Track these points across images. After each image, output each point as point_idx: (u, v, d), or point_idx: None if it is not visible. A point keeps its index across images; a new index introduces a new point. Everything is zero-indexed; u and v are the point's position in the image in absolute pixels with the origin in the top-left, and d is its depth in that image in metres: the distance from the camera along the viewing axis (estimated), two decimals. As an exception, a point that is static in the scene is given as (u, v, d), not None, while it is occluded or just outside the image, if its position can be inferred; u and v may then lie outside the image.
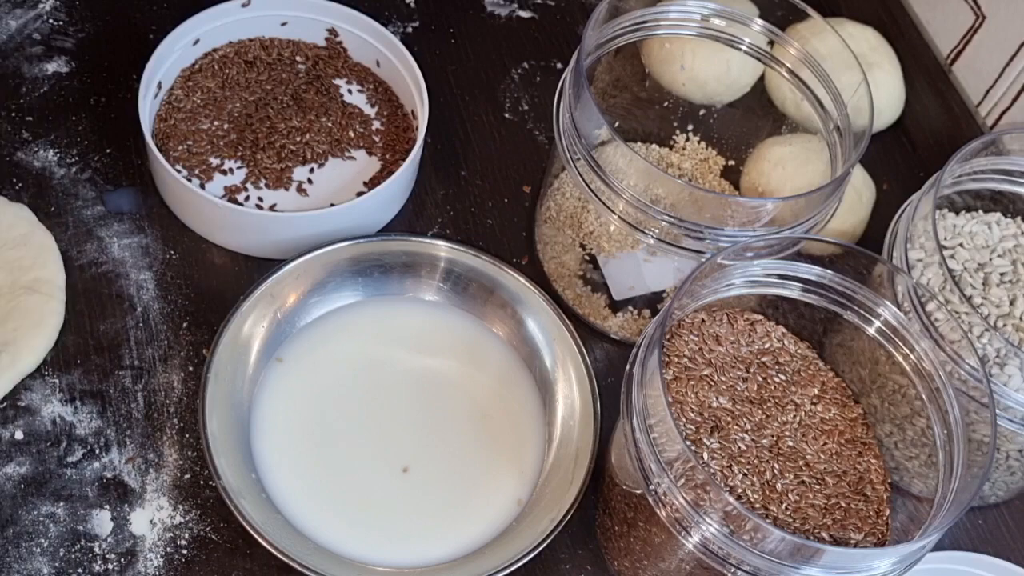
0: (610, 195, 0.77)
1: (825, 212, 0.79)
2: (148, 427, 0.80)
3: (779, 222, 0.77)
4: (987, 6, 0.95)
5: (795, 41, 0.86)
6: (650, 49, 0.94)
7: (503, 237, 0.93)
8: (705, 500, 0.64)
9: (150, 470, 0.79)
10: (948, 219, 0.83)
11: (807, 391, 0.75)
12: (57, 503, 0.77)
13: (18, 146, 0.90)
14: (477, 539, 0.79)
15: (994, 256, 0.82)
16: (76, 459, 0.78)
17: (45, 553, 0.75)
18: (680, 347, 0.74)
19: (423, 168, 0.94)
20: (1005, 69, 0.95)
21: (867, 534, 0.71)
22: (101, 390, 0.81)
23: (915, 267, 0.77)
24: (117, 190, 0.89)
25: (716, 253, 0.72)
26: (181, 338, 0.84)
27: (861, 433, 0.75)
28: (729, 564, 0.65)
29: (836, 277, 0.76)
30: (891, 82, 1.01)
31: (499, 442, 0.82)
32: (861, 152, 0.77)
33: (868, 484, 0.73)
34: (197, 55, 0.93)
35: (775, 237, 0.75)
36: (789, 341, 0.77)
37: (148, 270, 0.86)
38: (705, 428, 0.71)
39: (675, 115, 0.96)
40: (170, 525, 0.77)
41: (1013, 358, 0.74)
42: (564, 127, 0.79)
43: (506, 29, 1.05)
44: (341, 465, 0.80)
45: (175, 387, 0.82)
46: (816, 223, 0.79)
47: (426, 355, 0.85)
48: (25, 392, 0.80)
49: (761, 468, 0.70)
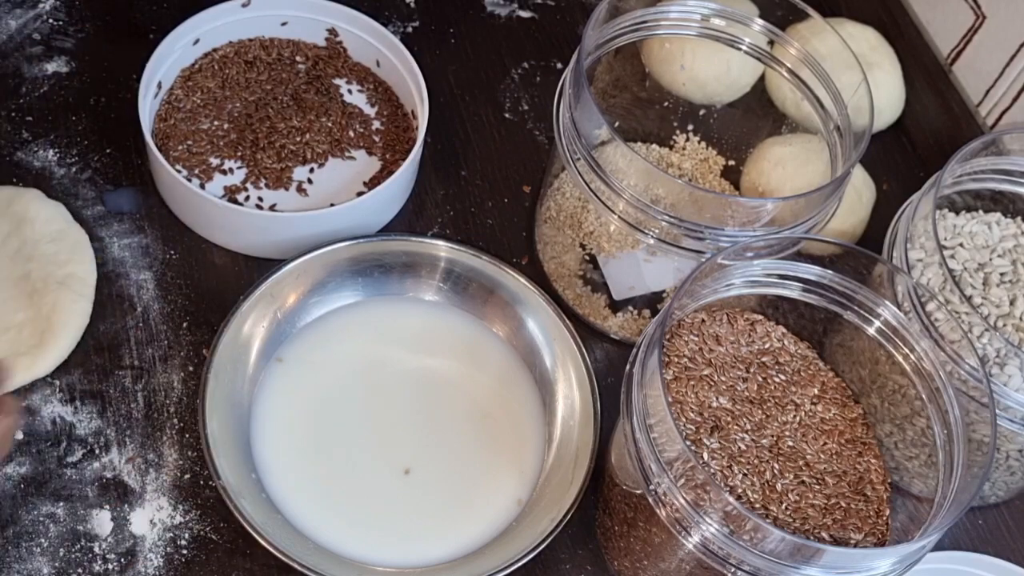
0: (610, 195, 0.77)
1: (825, 212, 0.79)
2: (148, 427, 0.80)
3: (779, 222, 0.77)
4: (987, 6, 0.95)
5: (795, 41, 0.86)
6: (650, 49, 0.94)
7: (503, 237, 0.93)
8: (705, 500, 0.64)
9: (150, 470, 0.79)
10: (948, 219, 0.83)
11: (807, 391, 0.75)
12: (57, 503, 0.77)
13: (18, 146, 0.90)
14: (477, 539, 0.79)
15: (994, 256, 0.82)
16: (76, 459, 0.78)
17: (45, 553, 0.75)
18: (680, 347, 0.74)
19: (423, 168, 0.94)
20: (1005, 69, 0.95)
21: (867, 534, 0.71)
22: (101, 390, 0.81)
23: (915, 267, 0.77)
24: (117, 190, 0.89)
25: (716, 253, 0.72)
26: (181, 338, 0.84)
27: (861, 433, 0.75)
28: (729, 564, 0.65)
29: (836, 277, 0.76)
30: (891, 82, 1.00)
31: (499, 442, 0.82)
32: (861, 152, 0.77)
33: (868, 484, 0.73)
34: (197, 55, 0.93)
35: (775, 237, 0.75)
36: (789, 341, 0.77)
37: (148, 270, 0.86)
38: (705, 428, 0.71)
39: (675, 115, 0.96)
40: (170, 525, 0.77)
41: (1013, 358, 0.74)
42: (564, 127, 0.79)
43: (506, 29, 1.05)
44: (341, 465, 0.80)
45: (175, 387, 0.82)
46: (816, 223, 0.79)
47: (426, 355, 0.85)
48: (25, 392, 0.80)
49: (761, 468, 0.70)
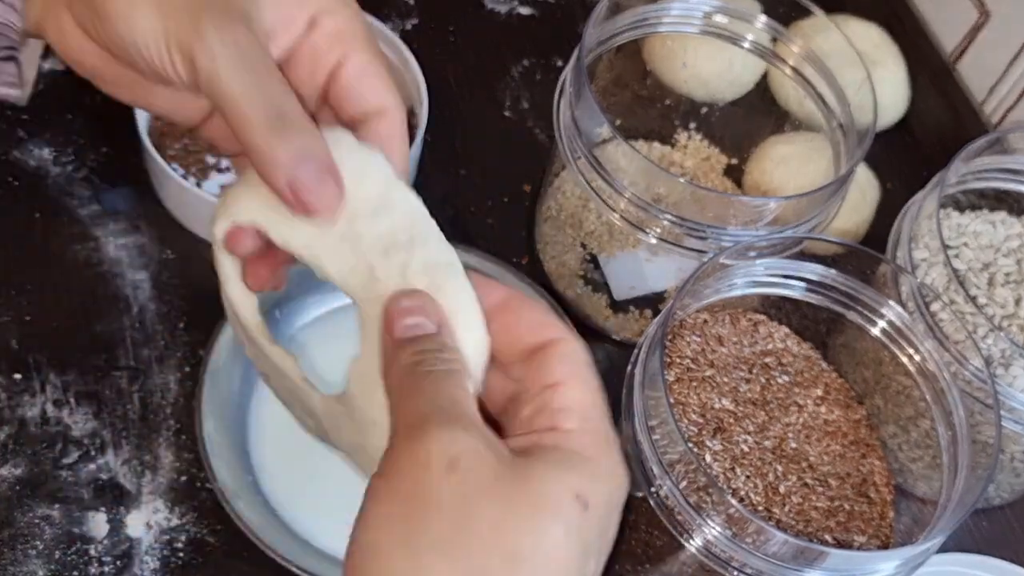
0: (611, 194, 0.76)
1: (828, 211, 0.79)
2: (144, 428, 0.80)
3: (782, 221, 0.76)
4: (991, 4, 0.95)
5: (798, 38, 0.85)
6: (652, 47, 0.94)
7: (503, 237, 0.92)
8: (707, 502, 0.64)
9: (146, 472, 0.78)
10: (952, 218, 0.83)
11: (810, 392, 0.75)
12: (52, 505, 0.76)
13: (13, 144, 0.90)
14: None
15: (999, 256, 0.81)
16: (71, 461, 0.78)
17: (40, 555, 0.74)
18: (682, 348, 0.74)
19: (422, 167, 0.93)
20: (1010, 67, 0.94)
21: (871, 536, 0.70)
22: (96, 391, 0.80)
23: (919, 267, 0.77)
24: (113, 189, 0.89)
25: (719, 253, 0.72)
26: (177, 338, 0.83)
27: (865, 435, 0.75)
28: (731, 567, 0.65)
29: (839, 277, 0.76)
30: (895, 80, 1.00)
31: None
32: (865, 150, 0.77)
33: (872, 486, 0.72)
34: (194, 53, 0.93)
35: (778, 237, 0.75)
36: (792, 342, 0.77)
37: (144, 270, 0.86)
38: (707, 430, 0.71)
39: (677, 113, 0.96)
40: (166, 527, 0.76)
41: (1018, 359, 0.73)
42: (564, 125, 0.79)
43: (506, 26, 1.04)
44: (339, 467, 0.79)
45: (171, 388, 0.81)
46: (819, 222, 0.78)
47: (425, 356, 0.85)
48: (18, 395, 0.80)
49: (764, 470, 0.70)
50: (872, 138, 0.77)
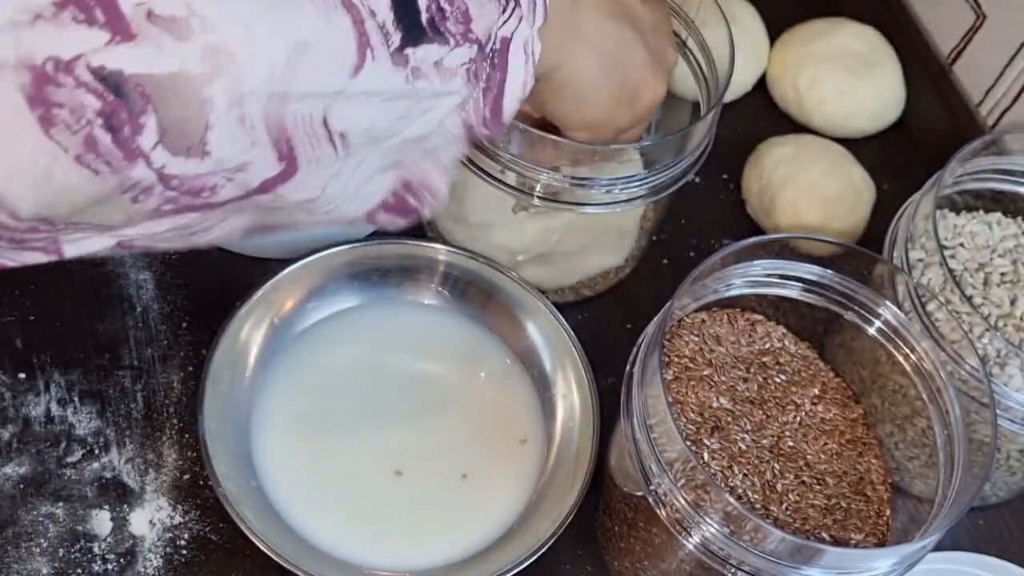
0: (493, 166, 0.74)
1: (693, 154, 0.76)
2: (148, 427, 0.80)
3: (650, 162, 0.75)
4: (987, 5, 0.95)
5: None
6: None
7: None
8: (705, 500, 0.64)
9: (149, 470, 0.78)
10: (949, 219, 0.83)
11: (808, 391, 0.75)
12: (56, 503, 0.77)
13: (17, 146, 0.90)
14: (479, 543, 0.79)
15: (995, 256, 0.82)
16: (75, 459, 0.78)
17: (44, 553, 0.75)
18: (680, 347, 0.74)
19: (423, 168, 0.93)
20: (1006, 68, 0.94)
21: (867, 534, 0.71)
22: (100, 390, 0.81)
23: (916, 267, 0.77)
24: (116, 190, 0.89)
25: (719, 252, 0.72)
26: (180, 338, 0.84)
27: (862, 433, 0.75)
28: (729, 564, 0.65)
29: (836, 277, 0.76)
30: (891, 82, 1.00)
31: (499, 445, 0.82)
32: (720, 96, 0.75)
33: (869, 484, 0.73)
34: (196, 55, 0.93)
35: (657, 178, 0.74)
36: (789, 341, 0.77)
37: (147, 270, 0.86)
38: (705, 428, 0.71)
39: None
40: (169, 525, 0.77)
41: (1014, 358, 0.73)
42: None
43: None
44: (341, 469, 0.80)
45: (175, 387, 0.82)
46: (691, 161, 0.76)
47: (425, 359, 0.85)
48: (22, 393, 0.80)
49: (761, 468, 0.70)
50: (727, 85, 0.75)
